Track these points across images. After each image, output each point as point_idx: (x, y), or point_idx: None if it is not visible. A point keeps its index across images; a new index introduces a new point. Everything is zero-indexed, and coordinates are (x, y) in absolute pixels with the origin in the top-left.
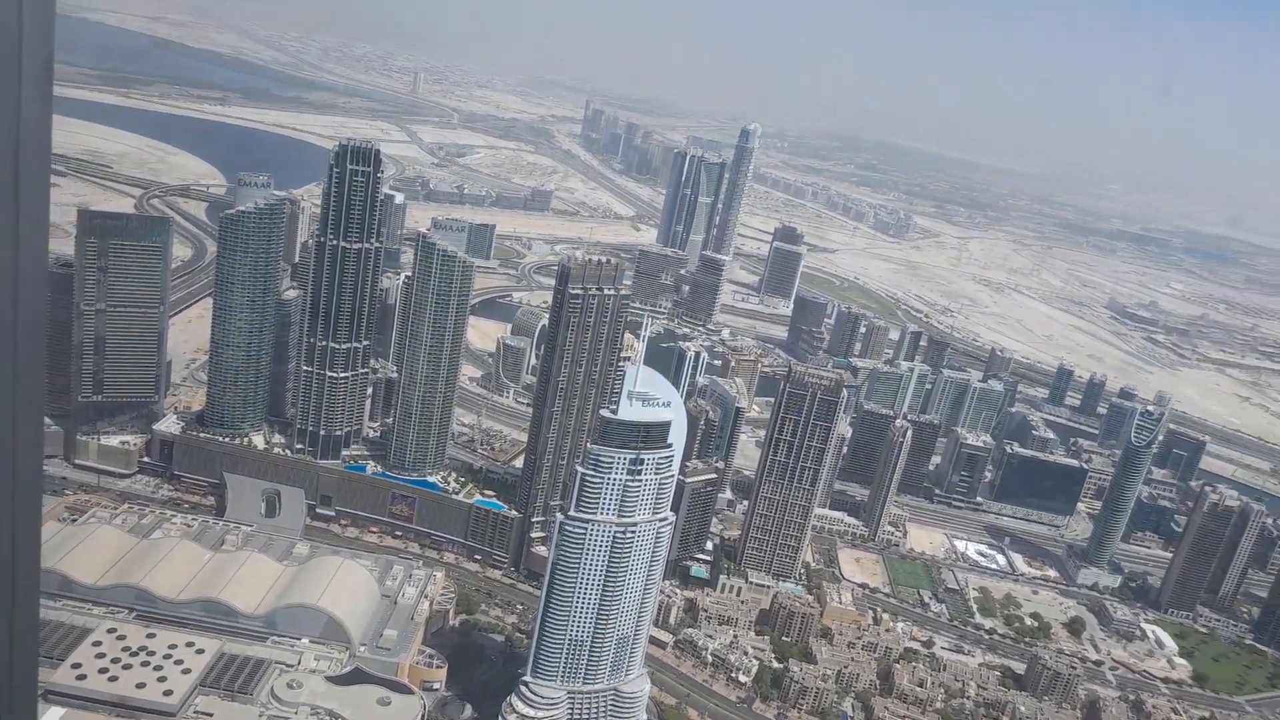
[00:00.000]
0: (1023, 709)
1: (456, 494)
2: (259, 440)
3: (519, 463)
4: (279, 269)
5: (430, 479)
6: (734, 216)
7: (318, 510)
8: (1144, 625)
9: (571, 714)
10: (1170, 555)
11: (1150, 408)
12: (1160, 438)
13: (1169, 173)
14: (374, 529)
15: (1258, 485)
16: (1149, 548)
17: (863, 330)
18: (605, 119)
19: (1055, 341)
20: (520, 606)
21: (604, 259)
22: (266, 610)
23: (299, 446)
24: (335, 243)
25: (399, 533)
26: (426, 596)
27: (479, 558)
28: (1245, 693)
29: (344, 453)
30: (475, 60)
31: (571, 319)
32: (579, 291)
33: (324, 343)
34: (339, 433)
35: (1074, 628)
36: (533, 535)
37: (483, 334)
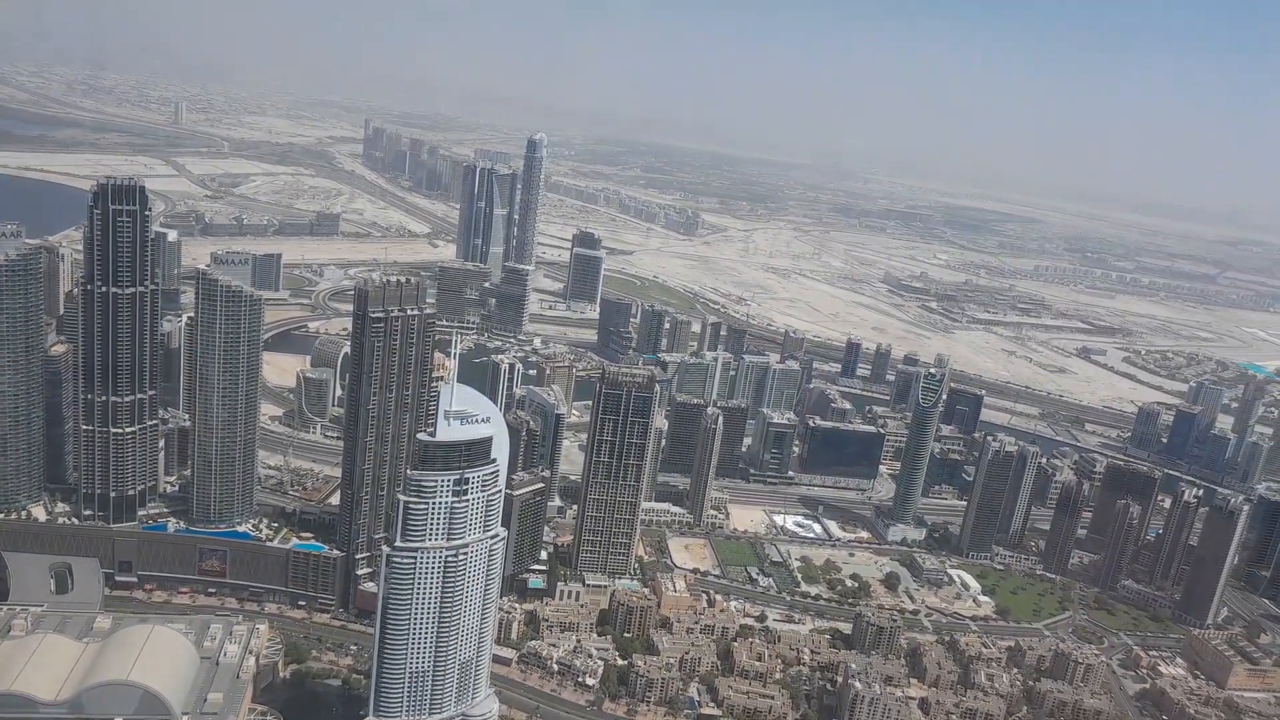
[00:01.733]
0: (853, 666)
1: (271, 540)
2: (39, 512)
3: (335, 500)
4: (42, 323)
5: (240, 528)
6: (532, 226)
7: (117, 578)
8: (950, 571)
9: None
10: (965, 504)
11: (932, 370)
12: (944, 397)
13: (924, 156)
14: (184, 589)
15: (1030, 429)
16: (946, 499)
17: (667, 326)
18: (387, 137)
19: (842, 318)
20: (354, 647)
21: (403, 279)
22: (70, 694)
23: (87, 513)
24: (104, 289)
25: (212, 589)
26: (251, 652)
27: (303, 604)
28: (1042, 619)
29: (140, 512)
30: (242, 86)
31: (375, 344)
32: (380, 314)
33: (103, 397)
34: (132, 492)
35: (890, 583)
36: (359, 573)
37: (280, 369)
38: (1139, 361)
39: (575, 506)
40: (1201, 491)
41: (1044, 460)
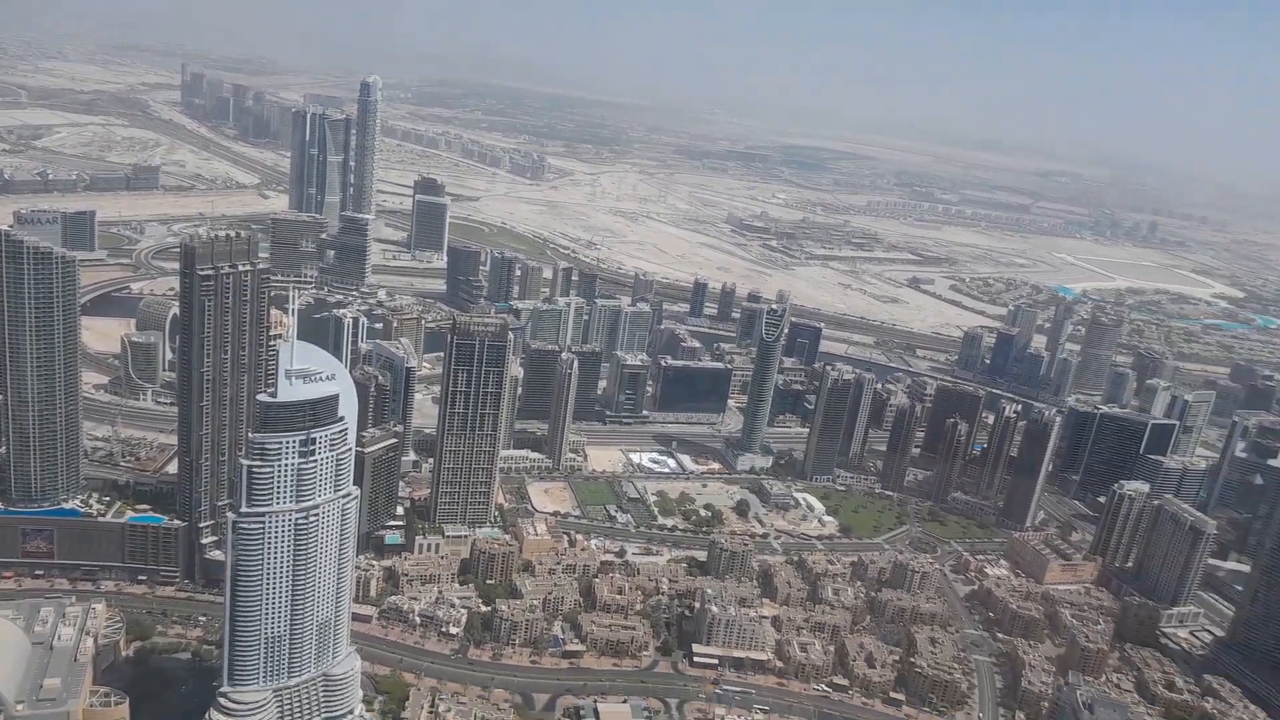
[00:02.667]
0: (709, 591)
1: (104, 515)
2: None
3: (173, 469)
4: None
5: (67, 505)
6: (369, 173)
7: None
8: (796, 495)
9: (281, 712)
10: (807, 431)
11: (774, 306)
12: (785, 331)
13: (761, 97)
14: (7, 574)
15: (866, 358)
16: (790, 428)
17: (518, 273)
18: (207, 83)
19: (688, 259)
20: (203, 618)
21: (233, 233)
22: None
23: None
24: None
25: (39, 571)
26: (88, 633)
27: (144, 578)
28: (881, 534)
29: None
30: (38, 30)
31: (205, 303)
32: (209, 272)
33: None
34: None
35: (741, 510)
36: (204, 542)
37: (102, 334)
38: (963, 289)
39: (431, 460)
40: (1020, 407)
41: (879, 386)
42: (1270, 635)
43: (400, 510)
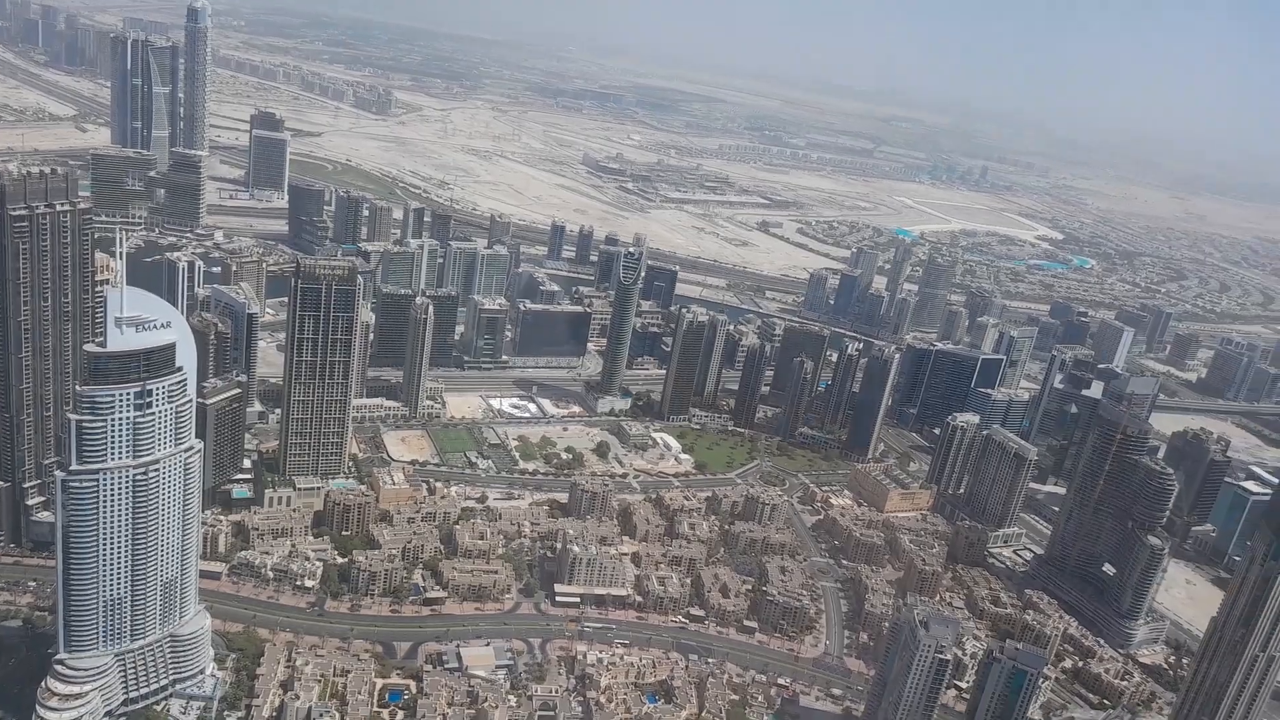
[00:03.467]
0: (570, 531)
1: None
2: None
3: None
4: None
5: None
6: (201, 107)
7: None
8: (654, 435)
9: (126, 675)
10: (664, 372)
11: (631, 249)
12: (643, 274)
13: (616, 36)
14: None
15: (719, 300)
16: (648, 369)
17: (366, 213)
18: (13, 3)
19: (545, 201)
20: (33, 583)
21: (48, 169)
22: None
23: None
24: None
25: None
26: None
27: None
28: (734, 469)
29: None
30: None
31: (20, 246)
32: (23, 212)
33: None
34: None
35: (601, 451)
36: (29, 503)
37: None
38: (810, 232)
39: (278, 410)
40: (861, 345)
41: (731, 327)
42: (1080, 551)
43: (248, 463)
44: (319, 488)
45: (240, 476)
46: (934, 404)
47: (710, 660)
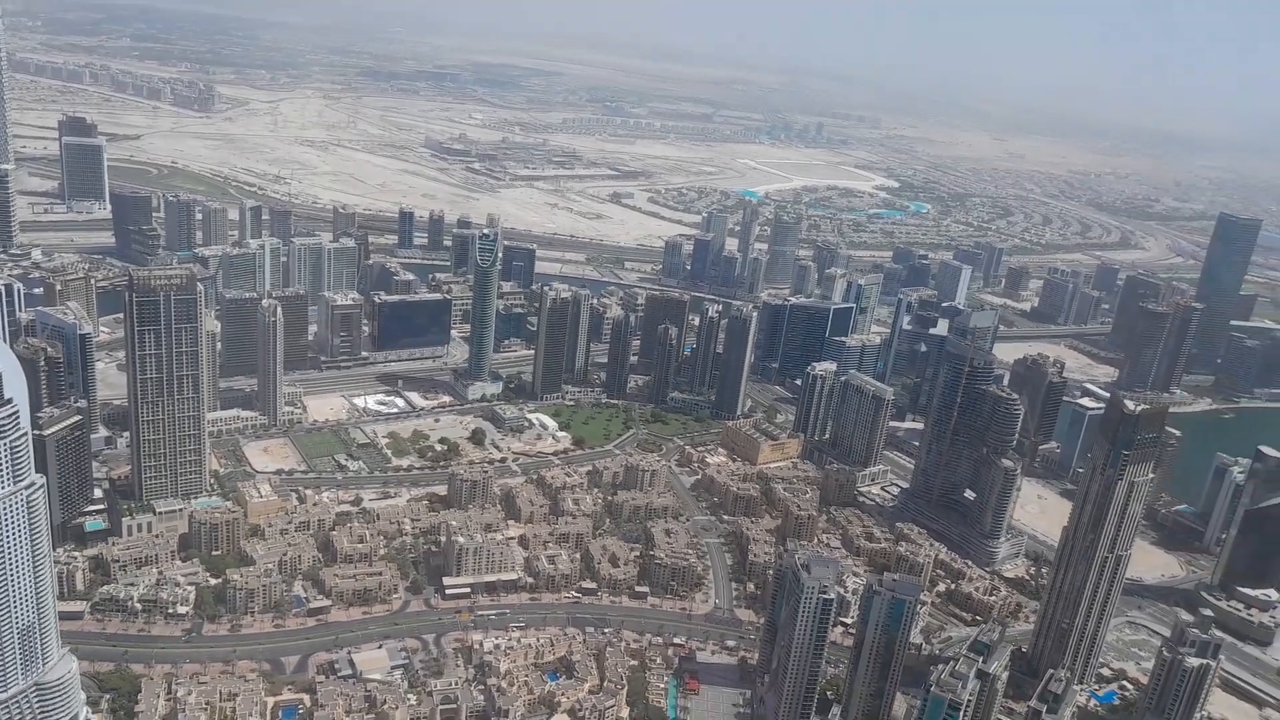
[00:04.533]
0: (453, 523)
1: None
2: None
3: None
4: None
5: None
6: (1, 115)
7: None
8: (529, 416)
9: None
10: (533, 352)
11: (486, 231)
12: (500, 255)
13: (441, 12)
14: None
15: (579, 275)
16: (516, 350)
17: (199, 217)
18: None
19: (390, 188)
20: None
21: None
22: None
23: None
24: None
25: None
26: None
27: None
28: (611, 440)
29: None
30: None
31: None
32: None
33: None
34: None
35: (476, 438)
36: None
37: None
38: (660, 200)
39: (127, 433)
40: (721, 307)
41: (595, 301)
42: (942, 481)
43: (99, 493)
44: (181, 509)
45: (92, 508)
46: (793, 356)
47: (606, 630)
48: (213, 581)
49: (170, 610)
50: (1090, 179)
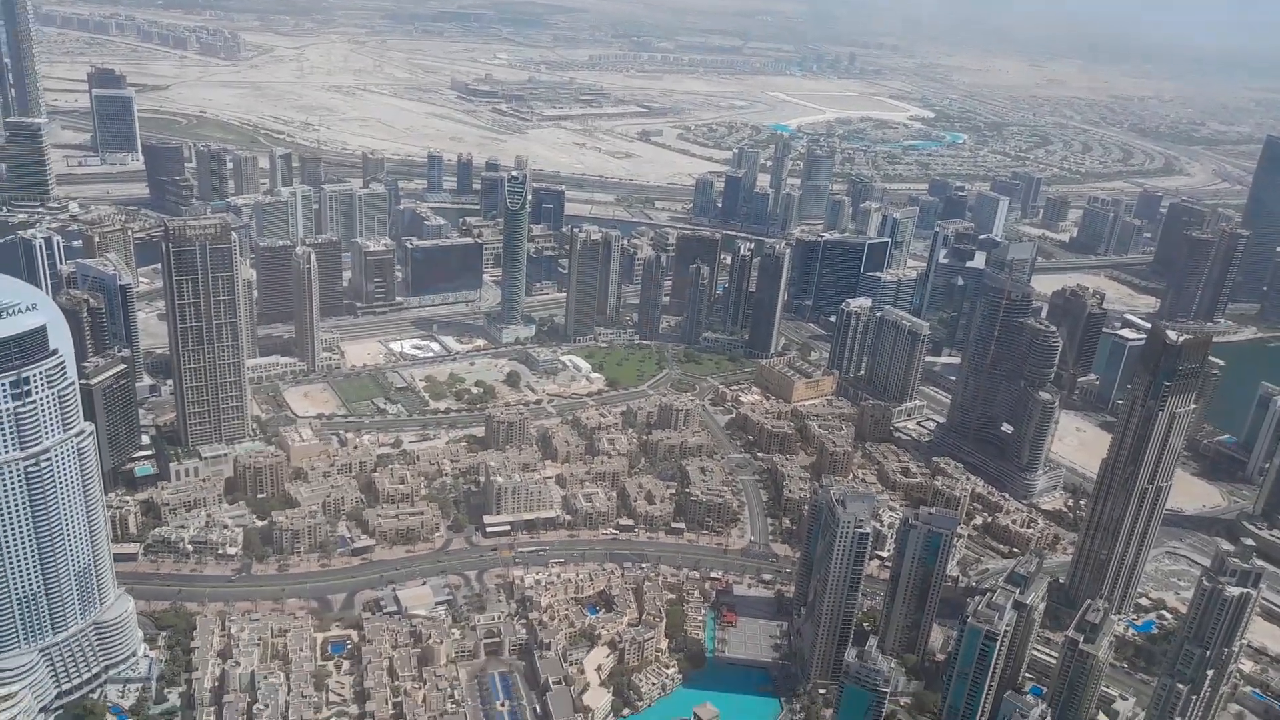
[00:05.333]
0: (492, 464)
1: None
2: None
3: None
4: None
5: None
6: (30, 70)
7: None
8: (563, 359)
9: (55, 669)
10: (565, 295)
11: (514, 173)
12: (529, 197)
13: None
14: None
15: (609, 216)
16: (548, 294)
17: (230, 166)
18: None
19: (418, 132)
20: None
21: None
22: None
23: None
24: None
25: None
26: None
27: None
28: (645, 381)
29: None
30: None
31: None
32: None
33: None
34: None
35: (511, 381)
36: None
37: None
38: (690, 136)
39: (170, 381)
40: (753, 245)
41: (625, 242)
42: (979, 415)
43: (147, 439)
44: (226, 454)
45: (141, 454)
46: (827, 293)
47: (644, 565)
48: (259, 523)
49: (220, 551)
50: (1133, 104)
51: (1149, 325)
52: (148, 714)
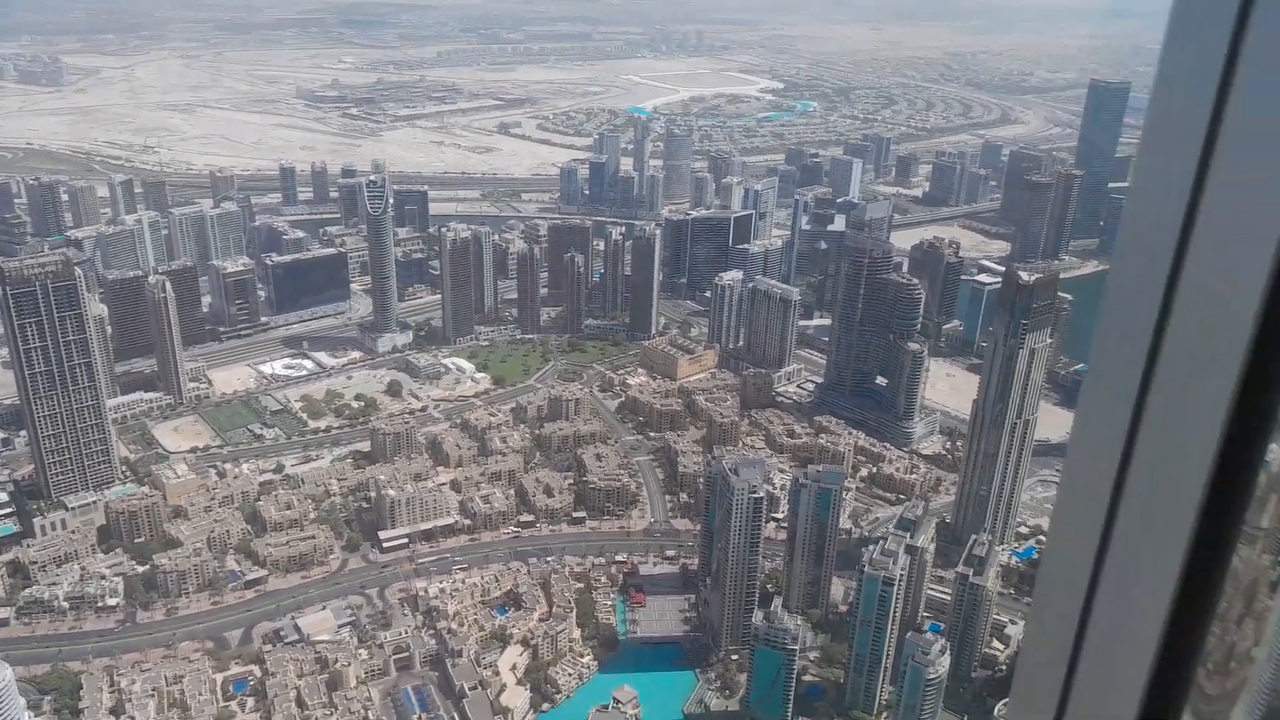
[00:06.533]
0: (381, 478)
1: None
2: None
3: None
4: None
5: None
6: None
7: None
8: (444, 362)
9: None
10: (439, 297)
11: (373, 178)
12: (391, 201)
13: None
14: None
15: (477, 213)
16: (421, 297)
17: (66, 198)
18: None
19: (266, 145)
20: None
21: None
22: None
23: None
24: None
25: None
26: None
27: None
28: (531, 375)
29: None
30: None
31: None
32: None
33: None
34: None
35: (393, 391)
36: None
37: None
38: (549, 126)
39: (24, 432)
40: (624, 229)
41: (496, 237)
42: (853, 371)
43: (4, 495)
44: (95, 501)
45: None
46: (700, 269)
47: (549, 559)
48: (140, 569)
49: (100, 603)
50: (967, 59)
51: (1003, 269)
52: None
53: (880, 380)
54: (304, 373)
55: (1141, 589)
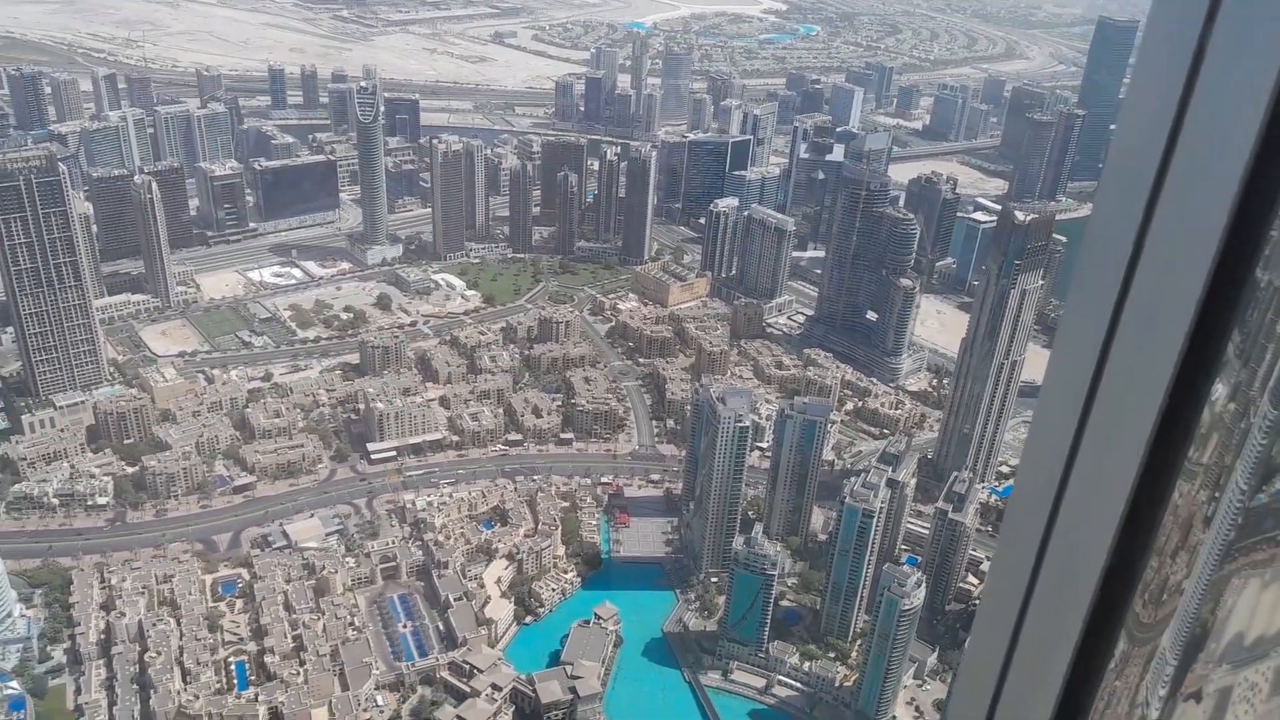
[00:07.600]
0: (370, 390)
1: None
2: None
3: None
4: None
5: None
6: None
7: None
8: (434, 277)
9: None
10: (430, 210)
11: (364, 84)
12: (382, 109)
13: None
14: None
15: (469, 125)
16: (412, 210)
17: (48, 91)
18: None
19: (254, 45)
20: None
21: None
22: None
23: None
24: None
25: None
26: None
27: None
28: (522, 295)
29: None
30: None
31: None
32: None
33: None
34: None
35: (383, 304)
36: None
37: None
38: (546, 37)
39: (10, 329)
40: (619, 148)
41: (489, 151)
42: (845, 305)
43: None
44: (84, 401)
45: None
46: (695, 195)
47: (536, 478)
48: (129, 470)
49: (90, 502)
50: None
51: (999, 208)
52: (32, 674)
53: (871, 315)
54: (293, 281)
55: (1092, 521)
